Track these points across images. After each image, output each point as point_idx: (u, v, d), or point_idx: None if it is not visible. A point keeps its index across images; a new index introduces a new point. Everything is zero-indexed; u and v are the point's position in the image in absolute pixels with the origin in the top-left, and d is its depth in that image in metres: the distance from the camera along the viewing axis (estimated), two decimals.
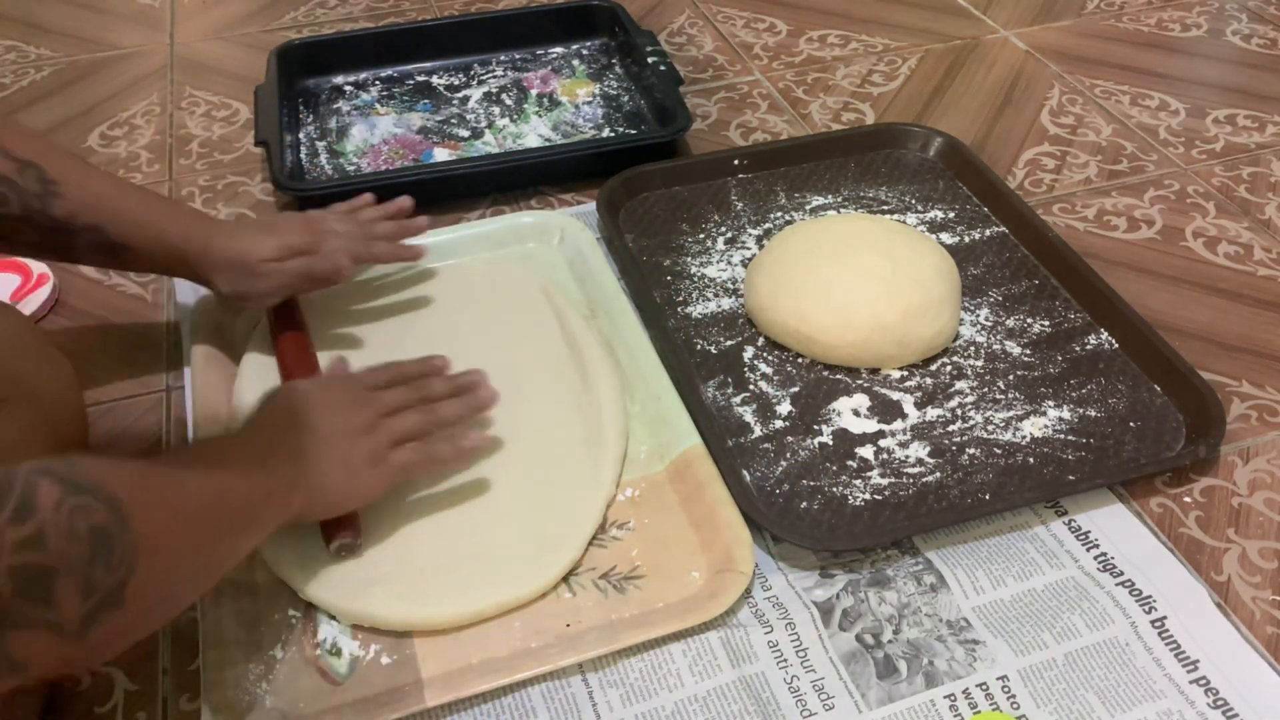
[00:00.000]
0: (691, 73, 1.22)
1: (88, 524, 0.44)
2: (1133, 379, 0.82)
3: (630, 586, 0.69)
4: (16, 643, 0.41)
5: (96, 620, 0.44)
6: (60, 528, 0.43)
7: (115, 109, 1.19)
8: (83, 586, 0.43)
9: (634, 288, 0.89)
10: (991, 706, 0.62)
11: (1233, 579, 0.70)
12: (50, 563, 0.42)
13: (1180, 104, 1.14)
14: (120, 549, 0.45)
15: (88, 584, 0.44)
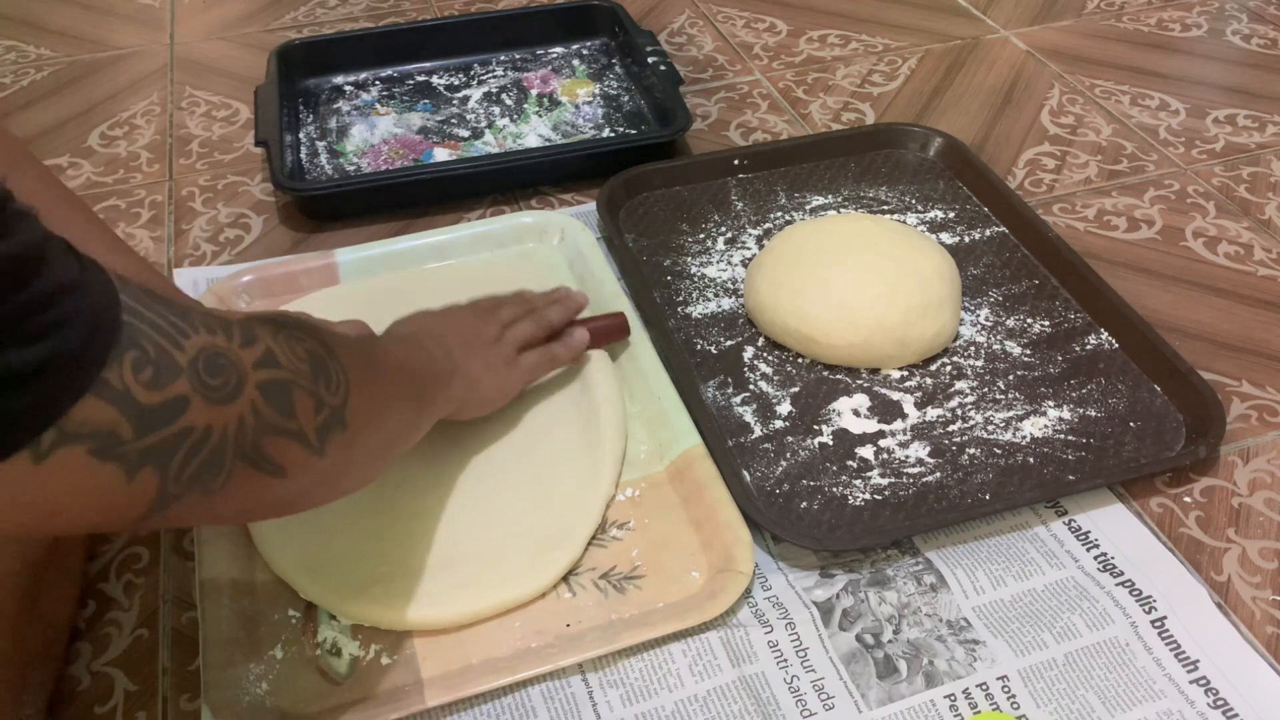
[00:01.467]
0: (691, 73, 1.22)
1: (304, 348, 0.49)
2: (1133, 379, 0.82)
3: (630, 586, 0.69)
4: (273, 447, 0.46)
5: (329, 433, 0.49)
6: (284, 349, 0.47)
7: (115, 109, 1.19)
8: (314, 400, 0.48)
9: (634, 288, 0.89)
10: (991, 706, 0.62)
11: (1233, 579, 0.70)
12: (285, 377, 0.46)
13: (1180, 104, 1.14)
14: (334, 373, 0.50)
15: (317, 399, 0.48)
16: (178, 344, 0.41)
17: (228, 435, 0.43)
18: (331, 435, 0.49)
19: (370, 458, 0.56)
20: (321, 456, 0.49)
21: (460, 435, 0.77)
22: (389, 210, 1.02)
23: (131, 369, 0.39)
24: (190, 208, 1.03)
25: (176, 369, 0.41)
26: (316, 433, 0.48)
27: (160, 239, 1.00)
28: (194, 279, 0.93)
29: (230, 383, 0.43)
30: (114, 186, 1.07)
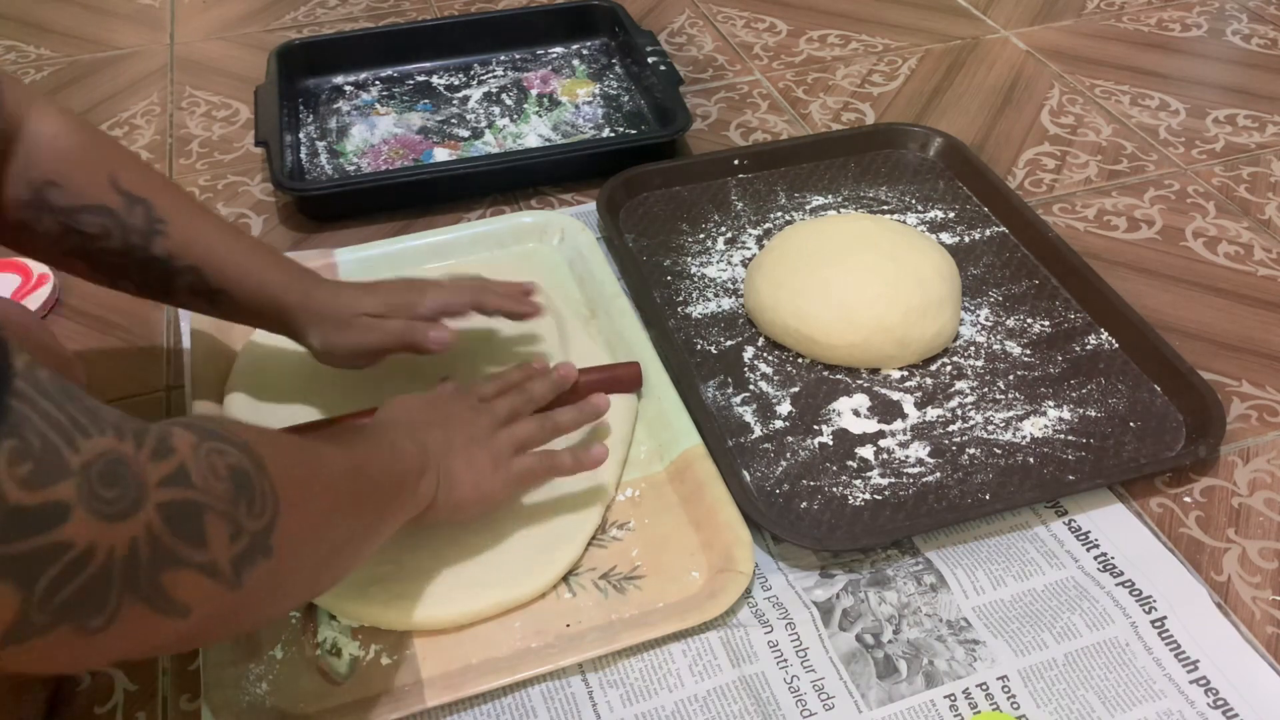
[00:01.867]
0: (691, 73, 1.22)
1: (226, 464, 0.44)
2: (1133, 379, 0.82)
3: (630, 586, 0.69)
4: (174, 583, 0.40)
5: (249, 564, 0.44)
6: (200, 465, 0.42)
7: (115, 109, 1.19)
8: (230, 526, 0.43)
9: (634, 288, 0.89)
10: (991, 706, 0.62)
11: (1233, 579, 0.70)
12: (196, 498, 0.41)
13: (1180, 104, 1.14)
14: (260, 491, 0.45)
15: (234, 524, 0.43)
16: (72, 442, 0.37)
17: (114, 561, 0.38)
18: (251, 565, 0.44)
19: (307, 579, 0.52)
20: (237, 590, 0.43)
21: None
22: (389, 210, 1.02)
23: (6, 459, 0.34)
24: None
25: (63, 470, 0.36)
26: (232, 563, 0.43)
27: None
28: None
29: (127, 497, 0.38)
30: None
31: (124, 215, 0.64)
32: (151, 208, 0.65)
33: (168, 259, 0.66)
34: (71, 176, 0.63)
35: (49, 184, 0.62)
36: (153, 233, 0.65)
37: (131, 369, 0.87)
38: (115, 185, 0.64)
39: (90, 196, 0.64)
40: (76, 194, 0.63)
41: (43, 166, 0.62)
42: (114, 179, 0.64)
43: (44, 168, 0.62)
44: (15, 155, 0.62)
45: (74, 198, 0.63)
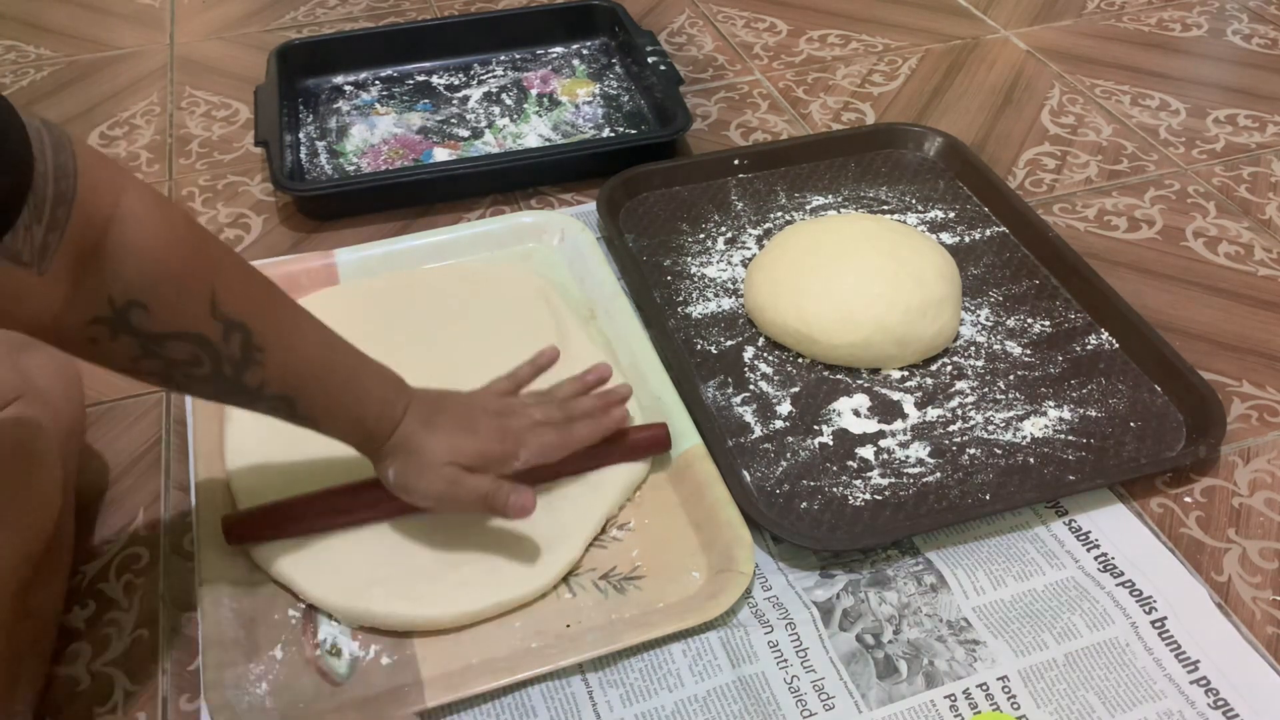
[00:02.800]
0: (691, 73, 1.21)
1: None
2: (1133, 379, 0.82)
3: (630, 587, 0.69)
4: None
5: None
6: None
7: (115, 109, 1.19)
8: None
9: (634, 288, 0.89)
10: (992, 707, 0.62)
11: (1233, 579, 0.70)
12: None
13: (1180, 104, 1.14)
14: None
15: None
16: None
17: None
18: None
19: None
20: None
21: None
22: (389, 210, 1.02)
23: None
24: (190, 208, 1.03)
25: None
26: None
27: None
28: None
29: None
30: None
31: (219, 345, 0.56)
32: (250, 334, 0.56)
33: (259, 388, 0.58)
34: (164, 298, 0.53)
35: (135, 305, 0.52)
36: (248, 362, 0.57)
37: None
38: (215, 309, 0.55)
39: (183, 323, 0.54)
40: (167, 320, 0.54)
41: (129, 284, 0.52)
42: (214, 300, 0.55)
43: (131, 286, 0.52)
44: (95, 267, 0.51)
45: (164, 324, 0.54)
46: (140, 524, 0.75)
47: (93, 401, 0.83)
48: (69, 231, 0.49)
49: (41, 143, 0.47)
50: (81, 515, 0.74)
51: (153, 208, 0.53)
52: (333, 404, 0.62)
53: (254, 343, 0.57)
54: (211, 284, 0.55)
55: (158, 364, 0.55)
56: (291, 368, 0.60)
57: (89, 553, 0.73)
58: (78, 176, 0.49)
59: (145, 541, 0.73)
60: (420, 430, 0.65)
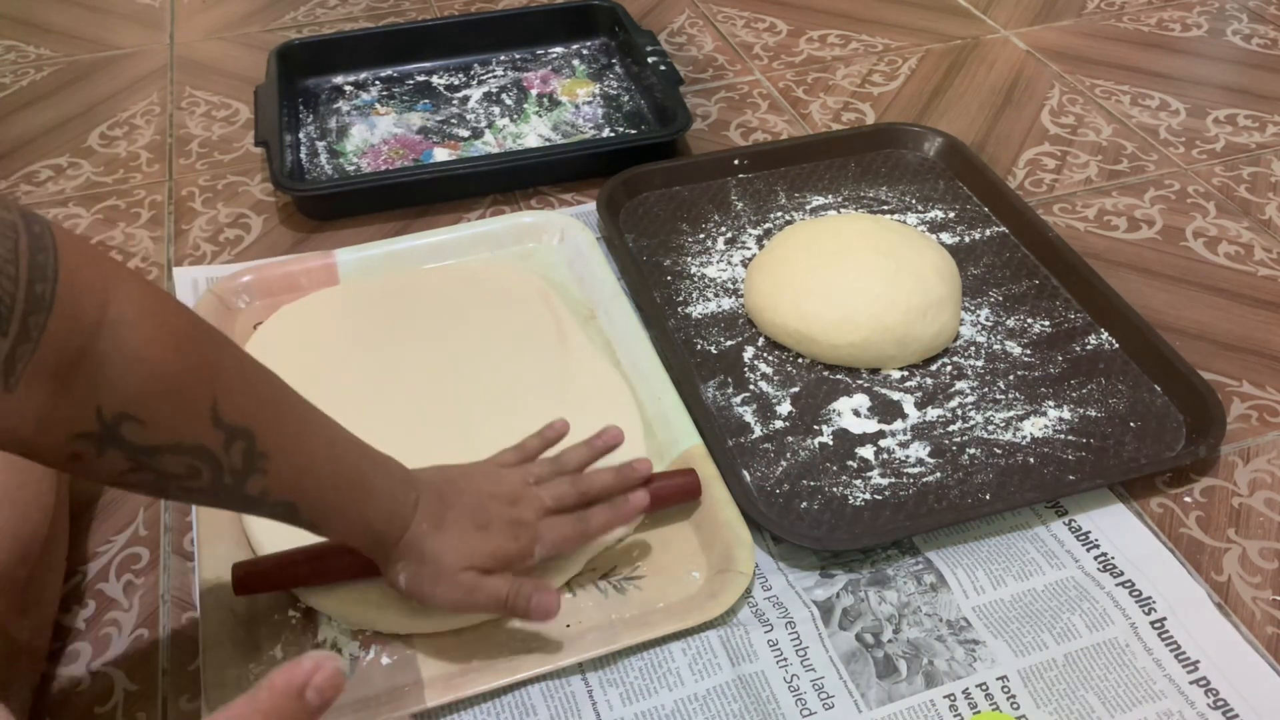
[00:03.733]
0: (691, 73, 1.22)
1: None
2: (1133, 379, 0.82)
3: (630, 587, 0.69)
4: None
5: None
6: None
7: (115, 109, 1.19)
8: None
9: (634, 288, 0.89)
10: (991, 707, 0.62)
11: (1233, 579, 0.70)
12: None
13: (1180, 104, 1.14)
14: None
15: None
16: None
17: None
18: None
19: None
20: None
21: (462, 440, 0.77)
22: (389, 210, 1.02)
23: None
24: (190, 208, 1.03)
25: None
26: None
27: (160, 239, 1.00)
28: (194, 279, 0.93)
29: None
30: (114, 186, 1.07)
31: (220, 455, 0.50)
32: (254, 440, 0.51)
33: (260, 496, 0.54)
34: (160, 409, 0.48)
35: (127, 418, 0.47)
36: (251, 471, 0.52)
37: None
38: (216, 417, 0.50)
39: (182, 435, 0.49)
40: (163, 432, 0.48)
41: (120, 395, 0.46)
42: (216, 408, 0.50)
43: (122, 397, 0.46)
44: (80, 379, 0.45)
45: (159, 436, 0.48)
46: (140, 524, 0.75)
47: None
48: (45, 341, 0.43)
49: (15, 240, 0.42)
50: (81, 516, 0.74)
51: (147, 309, 0.47)
52: (339, 507, 0.58)
53: (258, 449, 0.52)
54: (213, 390, 0.50)
55: (149, 477, 0.49)
56: (296, 472, 0.55)
57: (89, 553, 0.73)
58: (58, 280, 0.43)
59: (145, 541, 0.73)
60: (432, 534, 0.60)
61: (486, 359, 0.83)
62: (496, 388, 0.81)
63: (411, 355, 0.83)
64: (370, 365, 0.83)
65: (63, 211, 1.03)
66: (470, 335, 0.85)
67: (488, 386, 0.81)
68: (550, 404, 0.79)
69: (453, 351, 0.84)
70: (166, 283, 0.94)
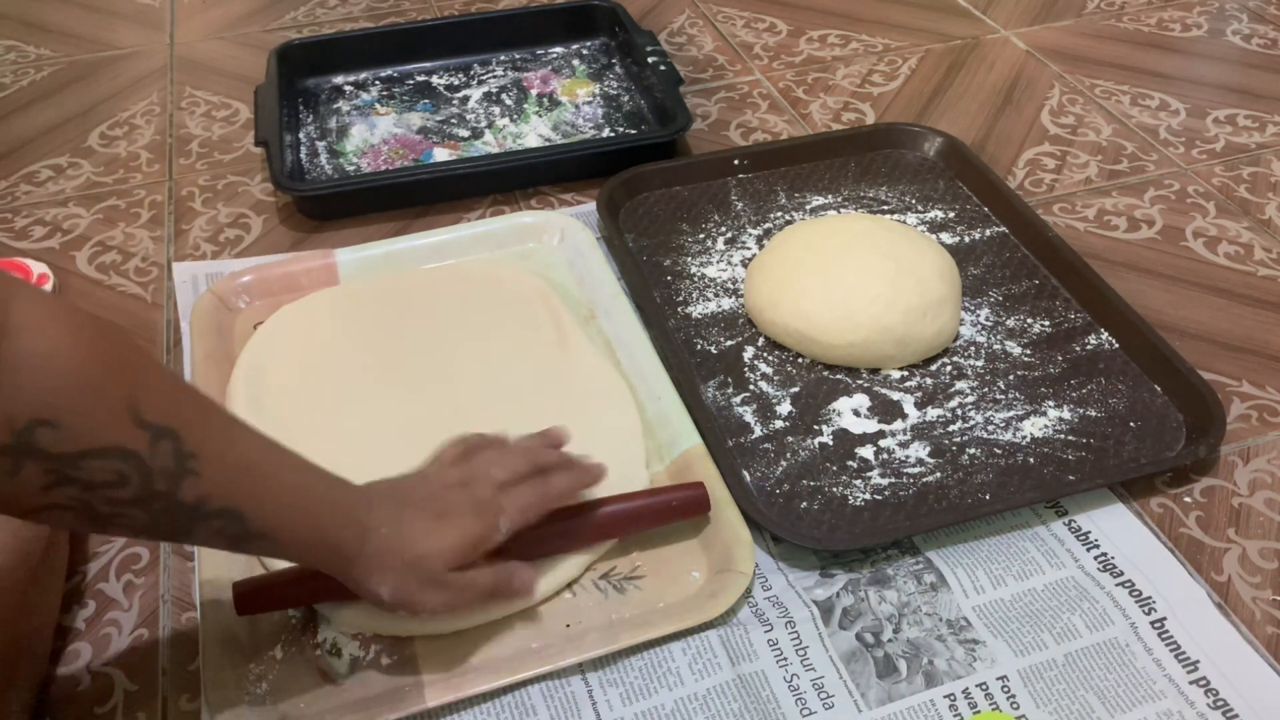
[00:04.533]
0: (691, 73, 1.22)
1: None
2: (1133, 379, 0.82)
3: (630, 587, 0.69)
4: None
5: None
6: None
7: (115, 109, 1.19)
8: None
9: (634, 288, 0.89)
10: (991, 706, 0.62)
11: (1233, 579, 0.70)
12: None
13: (1180, 104, 1.14)
14: None
15: None
16: None
17: None
18: None
19: None
20: None
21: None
22: (389, 210, 1.02)
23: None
24: (190, 208, 1.03)
25: None
26: None
27: (160, 239, 1.00)
28: (193, 272, 0.93)
29: None
30: (114, 186, 1.07)
31: (146, 456, 0.48)
32: (180, 440, 0.49)
33: (199, 504, 0.51)
34: (77, 411, 0.46)
35: (40, 424, 0.45)
36: (183, 473, 0.49)
37: None
38: (137, 416, 0.48)
39: (102, 437, 0.47)
40: (82, 435, 0.46)
41: (31, 400, 0.44)
42: (136, 406, 0.48)
43: (33, 402, 0.44)
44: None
45: (78, 440, 0.46)
46: None
47: None
48: None
49: None
50: None
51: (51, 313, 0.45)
52: (288, 511, 0.55)
53: (186, 450, 0.49)
54: (131, 388, 0.48)
55: (74, 491, 0.46)
56: (233, 473, 0.52)
57: (89, 553, 0.73)
58: None
59: (145, 541, 0.73)
60: (395, 535, 0.59)
61: (486, 359, 0.83)
62: (496, 388, 0.81)
63: (411, 355, 0.83)
64: (370, 365, 0.83)
65: (63, 211, 1.03)
66: (470, 335, 0.85)
67: (487, 386, 0.81)
68: (550, 404, 0.79)
69: (452, 351, 0.84)
70: (166, 280, 0.94)
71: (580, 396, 0.79)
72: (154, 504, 0.49)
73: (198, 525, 0.51)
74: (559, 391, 0.80)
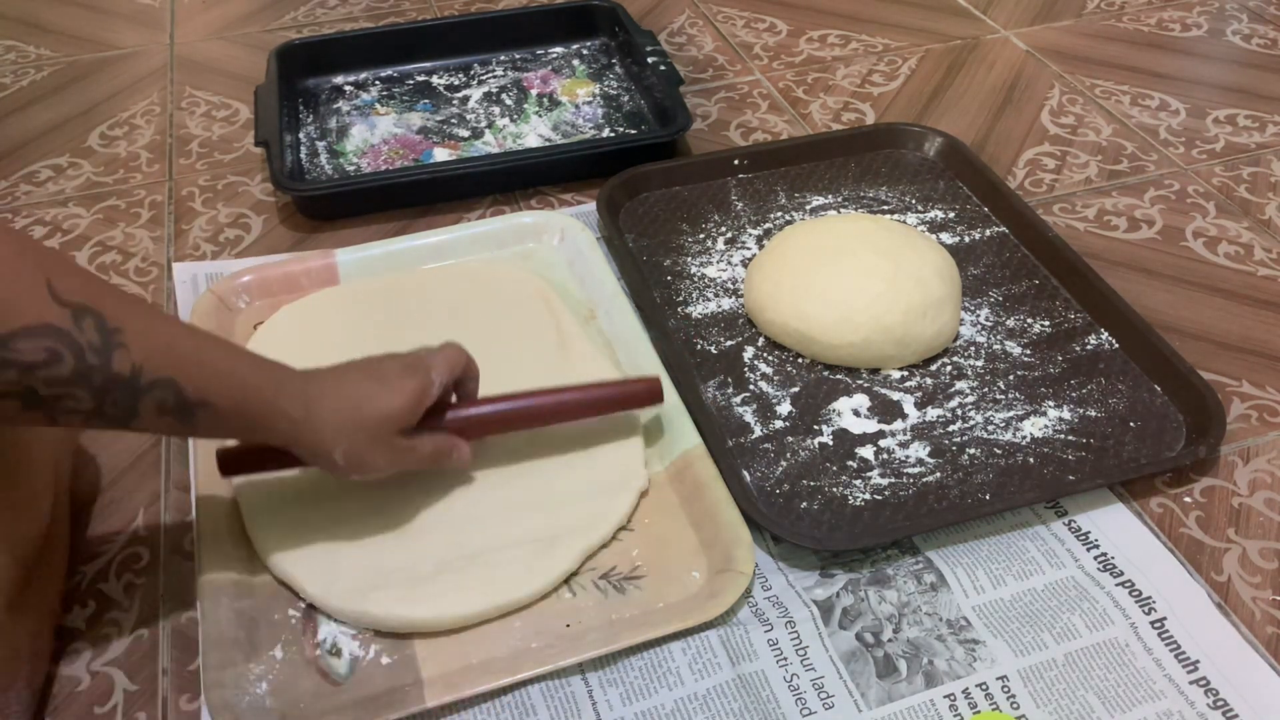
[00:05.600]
0: (691, 73, 1.22)
1: None
2: (1133, 379, 0.82)
3: (630, 587, 0.69)
4: None
5: None
6: None
7: (115, 109, 1.19)
8: None
9: (634, 288, 0.89)
10: (991, 706, 0.62)
11: (1233, 579, 0.70)
12: None
13: (1180, 104, 1.14)
14: None
15: None
16: None
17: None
18: None
19: None
20: None
21: None
22: (389, 210, 1.02)
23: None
24: (190, 208, 1.03)
25: None
26: None
27: (160, 239, 1.00)
28: (193, 272, 0.93)
29: None
30: (114, 186, 1.07)
31: (73, 332, 0.51)
32: (102, 317, 0.53)
33: (135, 375, 0.54)
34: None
35: None
36: (111, 346, 0.53)
37: None
38: (55, 295, 0.51)
39: (26, 316, 0.50)
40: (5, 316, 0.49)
41: None
42: (51, 288, 0.51)
43: None
44: None
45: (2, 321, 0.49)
46: (140, 524, 0.75)
47: None
48: None
49: None
50: (81, 516, 0.74)
51: None
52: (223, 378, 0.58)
53: (109, 325, 0.53)
54: (45, 272, 0.51)
55: (12, 375, 0.50)
56: (161, 344, 0.55)
57: (89, 553, 0.73)
58: None
59: (145, 541, 0.73)
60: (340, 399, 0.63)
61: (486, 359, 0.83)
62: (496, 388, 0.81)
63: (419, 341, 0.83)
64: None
65: (63, 211, 1.03)
66: (470, 335, 0.85)
67: (488, 386, 0.81)
68: None
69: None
70: (165, 280, 0.94)
71: None
72: (92, 378, 0.52)
73: (139, 400, 0.54)
74: None
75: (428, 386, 0.67)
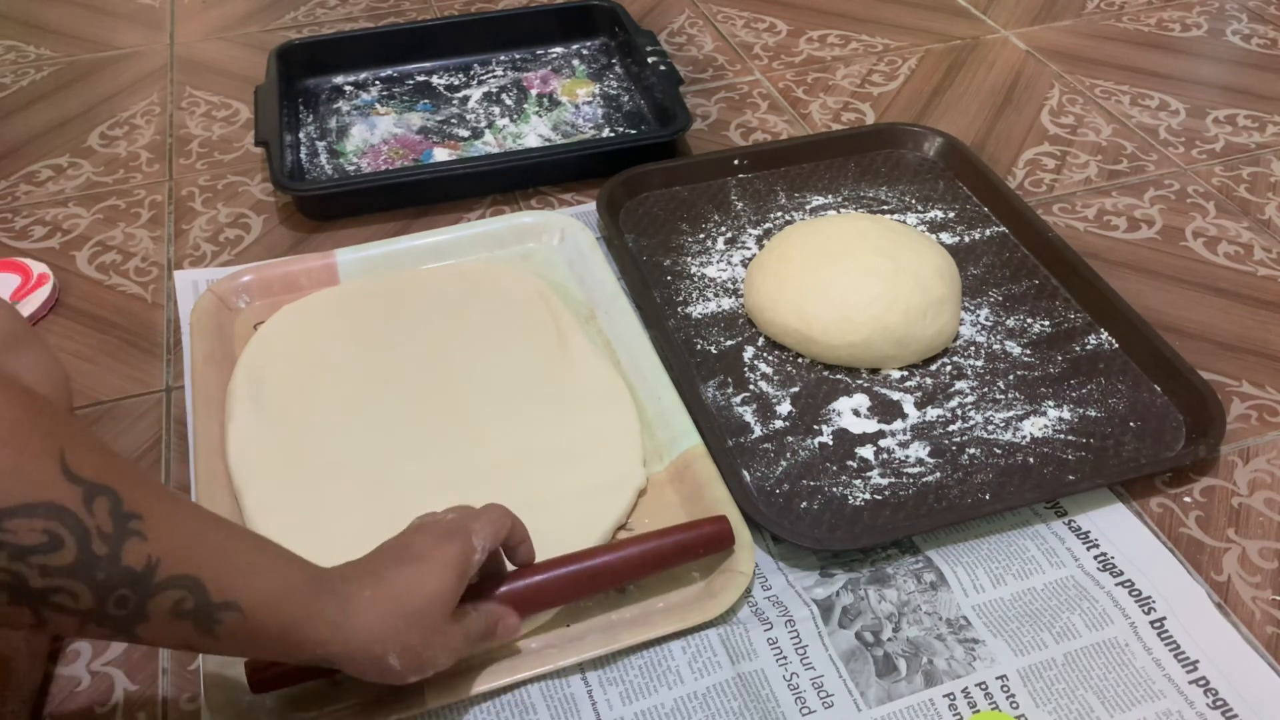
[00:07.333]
0: (691, 73, 1.22)
1: None
2: (1133, 379, 0.82)
3: (630, 586, 0.69)
4: None
5: None
6: None
7: (115, 109, 1.19)
8: None
9: (634, 288, 0.89)
10: (991, 706, 0.62)
11: (1233, 579, 0.70)
12: None
13: (1180, 104, 1.14)
14: None
15: None
16: None
17: None
18: None
19: None
20: None
21: (465, 442, 0.77)
22: (389, 210, 1.02)
23: None
24: (190, 208, 1.03)
25: None
26: None
27: (160, 239, 1.00)
28: (194, 279, 0.93)
29: None
30: (114, 186, 1.07)
31: (81, 514, 0.43)
32: (118, 498, 0.44)
33: (146, 570, 0.45)
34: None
35: None
36: (125, 534, 0.44)
37: (131, 369, 0.87)
38: (66, 469, 0.43)
39: (28, 491, 0.42)
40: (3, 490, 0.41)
41: None
42: (64, 461, 0.43)
43: None
44: None
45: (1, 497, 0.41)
46: None
47: (92, 402, 0.83)
48: None
49: None
50: None
51: None
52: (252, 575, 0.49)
53: (125, 510, 0.44)
54: (59, 443, 0.43)
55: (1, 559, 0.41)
56: (185, 537, 0.47)
57: None
58: None
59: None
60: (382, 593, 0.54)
61: (486, 359, 0.83)
62: (496, 388, 0.81)
63: (411, 355, 0.84)
64: (370, 365, 0.83)
65: (63, 211, 1.03)
66: (470, 335, 0.85)
67: (487, 387, 0.81)
68: (549, 405, 0.79)
69: (452, 352, 0.84)
70: (166, 280, 0.94)
71: (580, 396, 0.80)
72: (95, 572, 0.43)
73: (149, 600, 0.45)
74: (558, 391, 0.80)
75: (470, 553, 0.58)
